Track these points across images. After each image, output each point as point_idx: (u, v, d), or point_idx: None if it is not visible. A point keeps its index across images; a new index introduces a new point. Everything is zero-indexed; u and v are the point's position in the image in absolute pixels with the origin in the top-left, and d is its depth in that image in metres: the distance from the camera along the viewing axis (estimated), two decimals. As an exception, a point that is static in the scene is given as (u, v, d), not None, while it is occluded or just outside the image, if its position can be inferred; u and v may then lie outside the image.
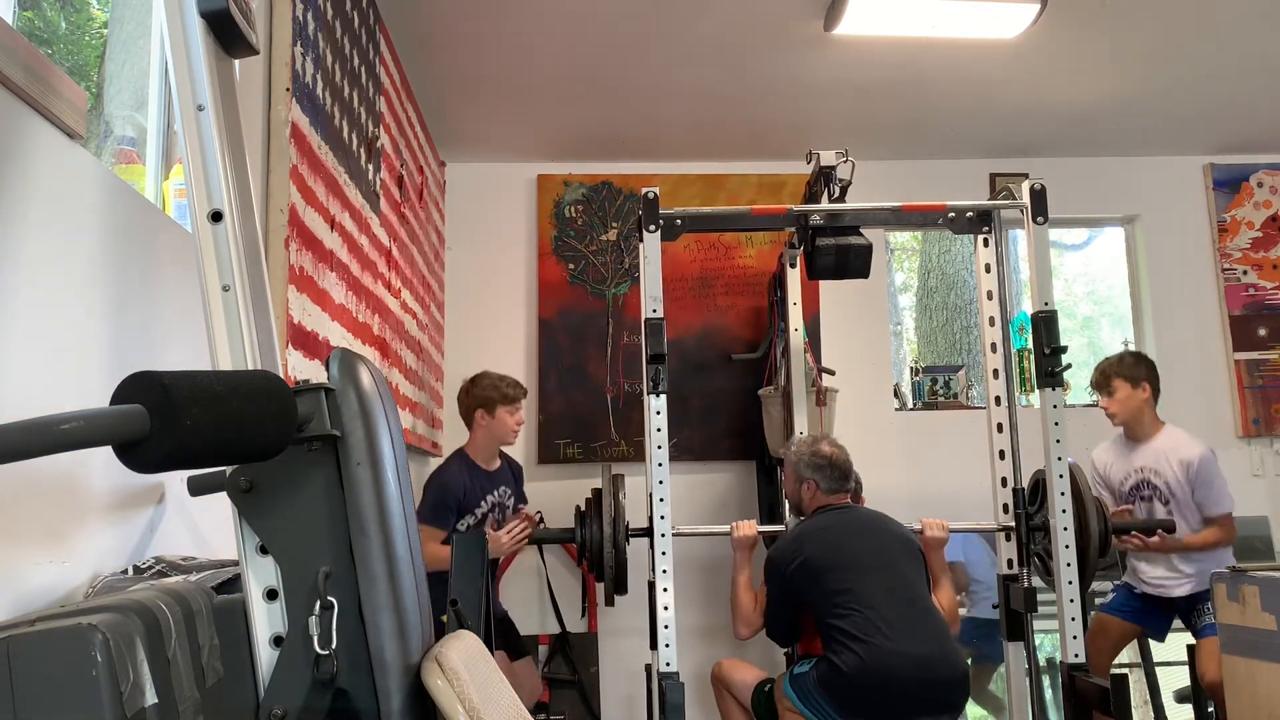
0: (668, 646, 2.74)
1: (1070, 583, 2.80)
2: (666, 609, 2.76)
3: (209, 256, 1.14)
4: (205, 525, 1.69)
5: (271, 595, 1.09)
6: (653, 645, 2.80)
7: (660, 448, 2.86)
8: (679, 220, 3.06)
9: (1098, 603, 3.73)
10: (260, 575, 1.09)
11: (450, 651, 1.16)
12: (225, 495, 1.11)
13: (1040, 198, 2.97)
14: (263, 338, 1.16)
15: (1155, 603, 3.40)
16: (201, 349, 1.16)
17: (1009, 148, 4.49)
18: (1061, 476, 2.86)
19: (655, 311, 2.91)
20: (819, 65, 3.56)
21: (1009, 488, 3.15)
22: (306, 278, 2.14)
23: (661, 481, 2.85)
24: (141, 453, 0.86)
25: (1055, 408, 2.89)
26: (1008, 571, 3.16)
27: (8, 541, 1.13)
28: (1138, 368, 3.44)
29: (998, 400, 3.22)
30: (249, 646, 1.08)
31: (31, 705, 0.90)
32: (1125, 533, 3.19)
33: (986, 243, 3.23)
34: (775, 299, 3.99)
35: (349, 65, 2.59)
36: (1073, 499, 2.88)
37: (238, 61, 1.34)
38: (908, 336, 7.33)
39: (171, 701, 1.03)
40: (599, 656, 4.14)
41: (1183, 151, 4.63)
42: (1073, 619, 2.79)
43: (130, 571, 1.36)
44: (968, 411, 4.42)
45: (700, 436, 4.32)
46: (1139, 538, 3.22)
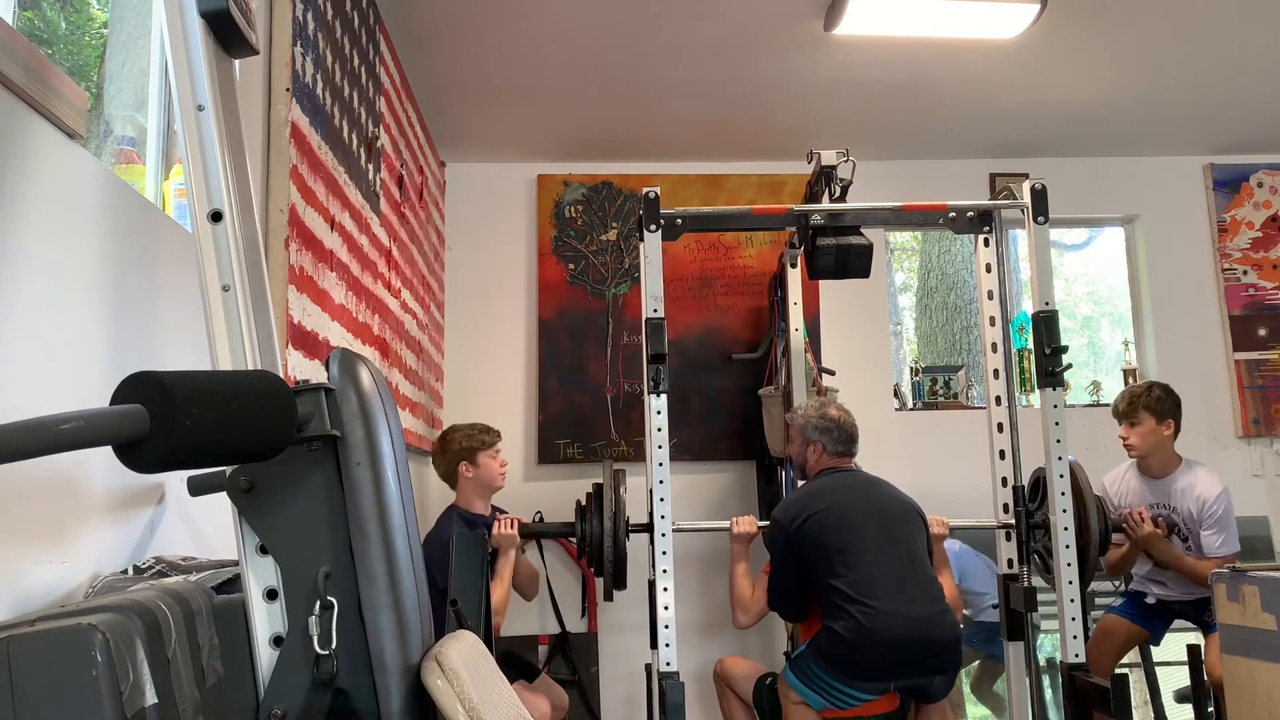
0: (668, 646, 2.74)
1: (1070, 581, 2.81)
2: (667, 608, 2.76)
3: (209, 256, 1.14)
4: (205, 525, 1.69)
5: (271, 595, 1.09)
6: (653, 645, 2.80)
7: (661, 447, 2.86)
8: (679, 220, 3.06)
9: (1106, 604, 3.72)
10: (260, 575, 1.09)
11: (450, 651, 1.16)
12: (225, 495, 1.12)
13: (1041, 198, 2.97)
14: (263, 338, 1.16)
15: (1165, 608, 3.41)
16: (201, 349, 1.16)
17: (1009, 148, 4.48)
18: (1062, 476, 2.86)
19: (656, 311, 2.91)
20: (819, 65, 3.56)
21: (1009, 487, 3.16)
22: (306, 278, 2.14)
23: (662, 481, 2.85)
24: (141, 453, 0.86)
25: (1055, 407, 2.90)
26: (1008, 571, 3.16)
27: (8, 541, 1.12)
28: (1166, 402, 3.32)
29: (998, 400, 3.22)
30: (249, 646, 1.08)
31: (31, 705, 0.90)
32: (1119, 530, 3.19)
33: (987, 243, 3.23)
34: (775, 299, 3.99)
35: (349, 65, 2.59)
36: (1073, 497, 2.89)
37: (238, 61, 1.34)
38: (908, 336, 7.33)
39: (171, 701, 1.03)
40: (599, 656, 4.15)
41: (1183, 151, 4.62)
42: (1073, 618, 2.80)
43: (130, 572, 1.36)
44: (968, 411, 4.42)
45: (700, 436, 4.32)
46: (1136, 515, 3.21)
